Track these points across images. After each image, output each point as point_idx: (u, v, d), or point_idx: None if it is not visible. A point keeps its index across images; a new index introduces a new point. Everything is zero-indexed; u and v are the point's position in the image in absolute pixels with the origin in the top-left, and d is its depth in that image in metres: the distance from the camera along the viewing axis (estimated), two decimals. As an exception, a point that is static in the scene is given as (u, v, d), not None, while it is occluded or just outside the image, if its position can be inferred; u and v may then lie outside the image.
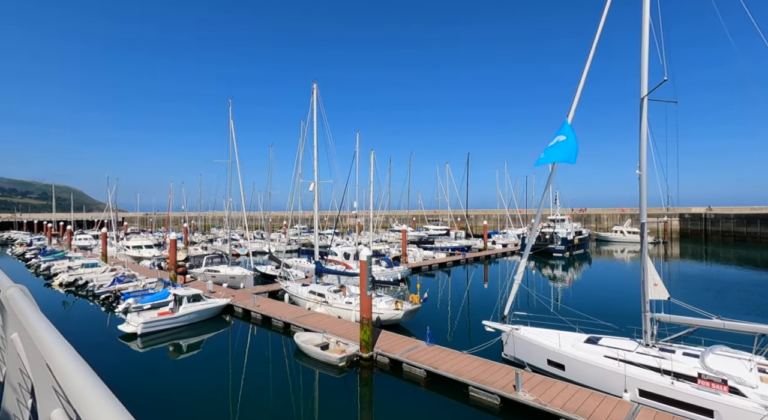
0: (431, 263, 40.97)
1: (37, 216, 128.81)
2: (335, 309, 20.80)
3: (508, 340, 14.25)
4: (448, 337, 18.23)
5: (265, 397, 13.31)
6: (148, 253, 43.89)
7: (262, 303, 22.99)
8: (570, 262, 47.05)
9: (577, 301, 20.98)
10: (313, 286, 23.72)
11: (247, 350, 17.98)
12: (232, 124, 31.59)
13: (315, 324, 18.86)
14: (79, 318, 23.40)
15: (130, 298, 24.17)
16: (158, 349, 18.49)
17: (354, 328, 18.11)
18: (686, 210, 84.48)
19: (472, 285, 33.56)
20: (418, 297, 19.80)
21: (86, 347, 18.40)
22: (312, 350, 15.89)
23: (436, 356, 14.21)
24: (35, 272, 39.04)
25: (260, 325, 21.26)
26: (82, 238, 62.96)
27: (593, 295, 28.89)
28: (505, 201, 66.68)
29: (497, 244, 58.30)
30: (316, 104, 23.43)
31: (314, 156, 23.81)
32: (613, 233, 72.25)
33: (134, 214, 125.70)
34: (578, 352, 11.88)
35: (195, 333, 20.26)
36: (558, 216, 56.23)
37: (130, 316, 19.59)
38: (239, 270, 30.69)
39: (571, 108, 12.91)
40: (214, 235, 79.87)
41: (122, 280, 29.16)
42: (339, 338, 16.59)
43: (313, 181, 24.01)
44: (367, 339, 14.86)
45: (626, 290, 30.39)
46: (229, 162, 32.00)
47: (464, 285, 33.31)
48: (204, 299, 21.57)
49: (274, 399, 13.11)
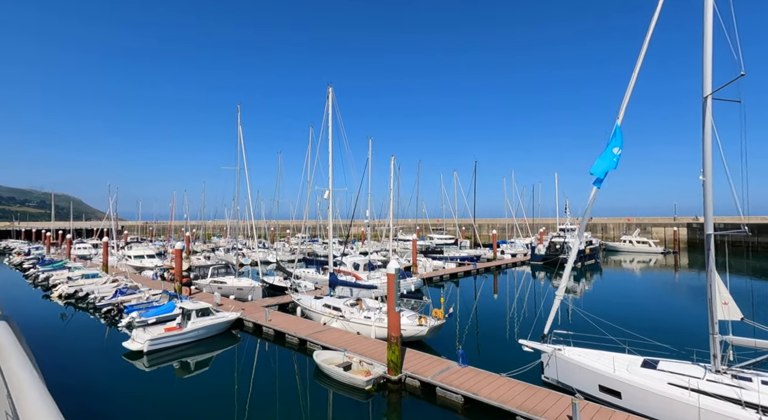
0: (442, 274, 39.78)
1: (36, 224, 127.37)
2: (353, 324, 19.60)
3: (550, 361, 13.09)
4: (478, 357, 16.98)
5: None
6: (150, 262, 42.64)
7: (273, 317, 21.78)
8: (582, 273, 45.85)
9: (614, 318, 19.82)
10: (327, 300, 22.52)
11: (261, 369, 16.74)
12: (240, 131, 30.71)
13: (333, 341, 17.64)
14: (79, 333, 22.10)
15: (134, 311, 22.97)
16: (165, 367, 17.24)
17: (376, 346, 16.92)
18: (694, 219, 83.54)
19: (491, 297, 32.07)
20: (441, 312, 18.63)
21: (88, 366, 17.15)
22: (334, 371, 14.67)
23: (472, 379, 13.01)
24: (33, 283, 37.72)
25: (272, 341, 20.03)
26: (81, 247, 61.67)
27: (630, 309, 26.81)
28: (513, 210, 65.70)
29: (506, 253, 57.15)
30: (331, 108, 22.52)
31: (329, 163, 22.82)
32: (622, 243, 71.17)
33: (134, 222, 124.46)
34: (637, 378, 10.73)
35: (203, 350, 19.01)
36: (568, 225, 55.22)
37: (136, 332, 18.35)
38: (247, 281, 29.48)
39: (620, 110, 11.96)
40: (215, 243, 78.59)
41: (125, 291, 27.94)
42: (362, 358, 15.38)
43: (328, 189, 22.97)
44: (396, 360, 13.67)
45: (668, 305, 28.71)
46: (237, 169, 31.01)
47: (483, 297, 31.82)
48: (213, 313, 20.36)
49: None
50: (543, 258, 51.30)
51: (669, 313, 25.88)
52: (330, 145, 22.82)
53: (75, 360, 17.90)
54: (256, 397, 14.04)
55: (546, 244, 53.38)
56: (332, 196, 23.09)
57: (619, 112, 11.94)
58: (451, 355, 15.58)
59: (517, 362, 15.05)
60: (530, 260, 52.38)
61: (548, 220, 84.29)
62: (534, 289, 36.14)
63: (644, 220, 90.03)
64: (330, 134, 22.71)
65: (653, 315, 25.20)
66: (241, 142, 30.69)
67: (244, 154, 30.59)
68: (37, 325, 23.68)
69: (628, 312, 25.66)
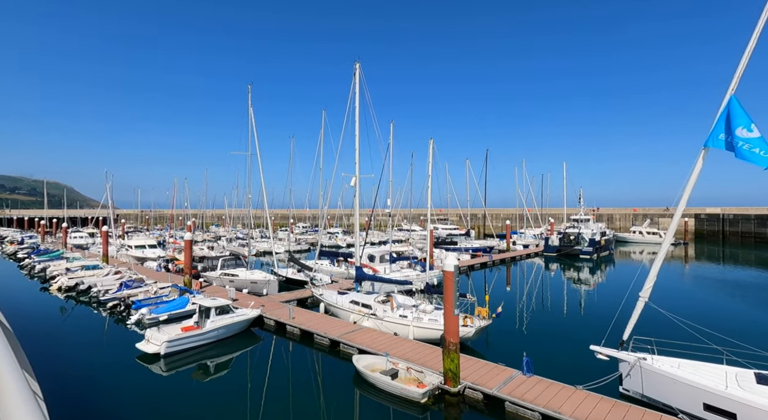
0: (459, 266, 38.19)
1: (28, 212, 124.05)
2: (388, 324, 17.97)
3: (632, 372, 11.56)
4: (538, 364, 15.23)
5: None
6: (152, 253, 40.64)
7: (296, 314, 20.10)
8: (597, 265, 44.55)
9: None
10: (354, 296, 20.85)
11: (289, 373, 15.12)
12: (251, 113, 28.55)
13: (370, 343, 16.02)
14: (84, 331, 20.24)
15: (143, 307, 21.21)
16: (184, 372, 15.55)
17: (419, 350, 15.33)
18: (701, 210, 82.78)
19: (524, 292, 30.11)
20: (487, 310, 17.04)
21: (97, 371, 15.40)
22: (380, 380, 13.05)
23: (545, 393, 11.46)
24: (29, 274, 35.69)
25: (298, 341, 18.38)
26: (77, 236, 59.44)
27: (697, 309, 23.45)
28: (525, 200, 64.19)
29: (517, 244, 55.81)
30: (358, 87, 20.49)
31: (356, 146, 20.88)
32: (631, 234, 70.14)
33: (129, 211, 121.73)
34: (758, 398, 9.20)
35: (223, 351, 17.33)
36: (582, 216, 53.80)
37: (150, 333, 16.58)
38: (261, 274, 27.71)
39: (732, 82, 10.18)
40: (215, 233, 76.50)
41: (130, 285, 26.07)
42: (408, 364, 13.77)
43: (355, 176, 21.09)
44: (455, 369, 12.07)
45: (733, 305, 25.43)
46: (248, 154, 28.94)
47: (515, 292, 29.78)
48: (233, 311, 18.63)
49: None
50: (556, 249, 50.01)
51: (741, 313, 22.95)
52: (357, 128, 20.86)
53: (82, 364, 16.14)
54: (289, 406, 12.45)
55: (559, 235, 52.02)
56: (359, 182, 21.24)
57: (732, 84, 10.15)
58: (505, 360, 14.02)
59: (582, 370, 13.56)
60: (543, 251, 51.08)
61: (556, 210, 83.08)
62: (565, 282, 34.68)
63: (650, 211, 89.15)
64: (357, 115, 20.73)
65: (723, 316, 22.15)
66: (252, 125, 28.57)
67: (256, 137, 28.49)
68: (36, 322, 21.81)
69: (694, 312, 21.90)
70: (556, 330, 19.95)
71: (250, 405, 12.76)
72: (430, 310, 17.69)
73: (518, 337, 18.93)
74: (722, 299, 27.45)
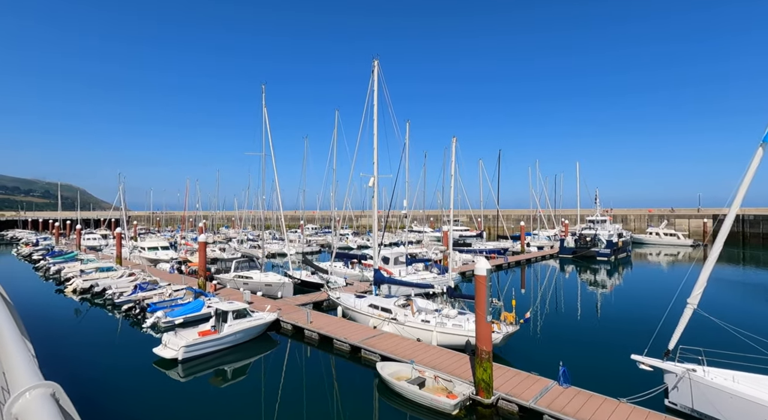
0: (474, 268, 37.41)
1: (42, 214, 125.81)
2: (409, 329, 17.36)
3: (680, 384, 10.82)
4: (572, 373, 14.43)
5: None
6: (165, 254, 40.57)
7: (314, 318, 19.59)
8: (615, 267, 43.41)
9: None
10: (373, 299, 20.29)
11: (308, 380, 14.60)
12: (265, 112, 28.18)
13: (392, 349, 15.44)
14: (100, 334, 19.97)
15: (158, 310, 20.92)
16: (201, 377, 15.14)
17: (444, 357, 14.70)
18: (719, 211, 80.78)
19: (547, 295, 29.20)
20: (513, 315, 16.35)
21: (114, 375, 15.07)
22: (407, 389, 12.46)
23: (586, 406, 10.76)
24: (44, 276, 35.77)
25: (316, 346, 17.87)
26: (90, 237, 59.79)
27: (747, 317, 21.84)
28: (539, 200, 63.14)
29: (531, 246, 54.83)
30: (377, 85, 19.97)
31: (374, 146, 20.33)
32: (648, 235, 68.60)
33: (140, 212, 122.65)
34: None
35: (240, 356, 16.88)
36: (598, 217, 52.64)
37: (168, 337, 16.19)
38: (275, 276, 27.30)
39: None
40: (225, 234, 76.59)
41: (144, 287, 25.83)
42: (435, 372, 13.16)
43: (373, 176, 20.55)
44: (488, 379, 11.44)
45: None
46: (262, 155, 28.57)
47: (537, 295, 29.01)
48: (250, 314, 18.18)
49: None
50: (572, 251, 48.94)
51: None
52: (375, 126, 20.33)
53: (99, 368, 15.82)
54: (309, 414, 11.93)
55: (574, 237, 50.92)
56: (377, 183, 20.69)
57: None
58: (537, 369, 13.34)
59: (621, 380, 12.83)
60: (558, 253, 50.05)
61: (569, 211, 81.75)
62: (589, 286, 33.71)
63: (665, 212, 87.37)
64: (375, 113, 20.20)
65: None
66: (266, 124, 28.19)
67: (270, 138, 28.10)
68: (52, 324, 21.65)
69: (739, 319, 20.12)
70: (588, 337, 19.07)
71: (269, 412, 12.28)
72: (454, 315, 17.06)
73: (548, 343, 18.10)
74: (763, 305, 25.82)
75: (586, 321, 22.04)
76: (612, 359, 15.37)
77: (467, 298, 18.44)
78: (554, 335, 19.32)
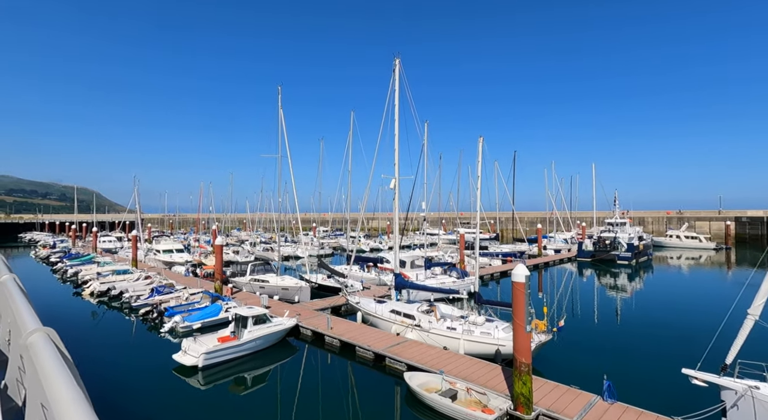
0: (492, 272, 36.65)
1: (58, 217, 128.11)
2: (435, 336, 16.69)
3: (740, 402, 9.98)
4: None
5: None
6: (179, 257, 40.49)
7: (334, 324, 19.04)
8: (636, 272, 42.03)
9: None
10: (395, 305, 19.68)
11: (331, 389, 14.06)
12: (281, 114, 27.88)
13: (419, 358, 14.80)
14: (118, 338, 19.72)
15: (176, 314, 20.59)
16: (221, 384, 14.69)
17: (474, 367, 14.01)
18: (742, 213, 78.39)
19: (572, 300, 27.97)
20: (545, 323, 15.57)
21: (134, 381, 14.73)
22: (439, 402, 11.81)
23: (636, 423, 9.98)
24: (62, 278, 35.93)
25: (338, 353, 17.31)
26: (106, 239, 60.30)
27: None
28: (555, 202, 61.89)
29: (548, 249, 53.63)
30: (398, 84, 19.43)
31: (395, 146, 19.77)
32: (668, 238, 66.79)
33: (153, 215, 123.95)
34: None
35: (259, 363, 16.42)
36: (618, 219, 51.26)
37: (187, 344, 15.79)
38: (292, 280, 26.87)
39: None
40: (237, 237, 76.70)
41: (161, 291, 25.62)
42: (468, 384, 12.48)
43: (394, 177, 19.98)
44: (528, 394, 10.72)
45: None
46: (278, 157, 28.23)
47: (560, 300, 27.87)
48: (270, 320, 17.71)
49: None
50: (591, 254, 47.68)
51: None
52: (396, 126, 19.76)
53: (119, 373, 15.51)
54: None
55: (593, 240, 49.64)
56: (398, 185, 20.12)
57: None
58: (577, 382, 12.56)
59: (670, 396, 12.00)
60: (577, 256, 48.84)
61: (584, 213, 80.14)
62: (606, 290, 32.61)
63: (685, 214, 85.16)
64: (396, 114, 19.64)
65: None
66: (282, 126, 27.88)
67: (287, 139, 27.75)
68: (70, 326, 21.50)
69: None
70: (626, 346, 17.90)
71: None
72: (481, 322, 16.35)
73: (582, 353, 17.14)
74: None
75: (621, 329, 20.93)
76: (657, 372, 14.50)
77: (497, 304, 17.68)
78: (588, 344, 18.36)
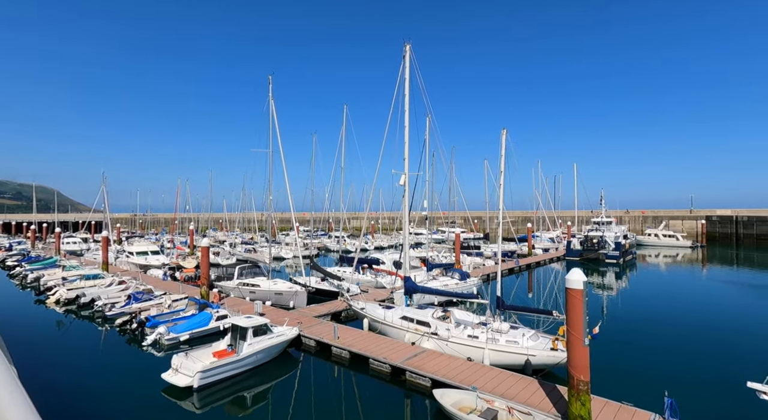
0: (488, 272, 35.81)
1: (15, 217, 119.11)
2: (453, 345, 15.34)
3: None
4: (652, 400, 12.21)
5: None
6: (155, 260, 37.50)
7: (339, 332, 17.37)
8: (623, 270, 42.36)
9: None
10: (405, 310, 18.20)
11: (341, 407, 12.52)
12: (272, 105, 25.86)
13: (443, 372, 13.41)
14: (91, 355, 17.24)
15: (160, 325, 18.40)
16: (218, 407, 12.81)
17: (510, 381, 12.74)
18: (711, 212, 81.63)
19: (591, 302, 26.92)
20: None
21: (116, 408, 12.56)
22: (480, 424, 10.43)
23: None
24: (21, 284, 32.41)
25: (347, 366, 15.67)
26: (70, 241, 55.74)
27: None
28: (542, 201, 62.14)
29: (536, 248, 53.62)
30: (408, 72, 17.96)
31: (405, 139, 18.29)
32: (646, 236, 68.46)
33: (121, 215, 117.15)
34: None
35: (259, 380, 14.58)
36: (604, 218, 51.78)
37: (178, 361, 13.74)
38: (285, 284, 24.93)
39: None
40: (214, 237, 73.11)
41: (139, 297, 23.11)
42: (507, 402, 11.17)
43: (404, 173, 18.51)
44: (586, 416, 9.51)
45: None
46: (269, 151, 26.19)
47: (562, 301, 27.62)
48: (271, 330, 15.86)
49: None
50: (579, 253, 47.90)
51: None
52: (407, 118, 18.28)
53: (92, 395, 13.30)
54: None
55: (580, 239, 49.93)
56: (408, 181, 18.65)
57: None
58: (626, 397, 11.49)
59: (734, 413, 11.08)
60: (565, 256, 49.00)
61: (567, 212, 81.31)
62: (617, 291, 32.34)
63: (659, 213, 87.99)
64: (407, 105, 18.17)
65: None
66: (273, 118, 25.85)
67: (278, 132, 25.76)
68: (33, 342, 18.75)
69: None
70: (668, 356, 16.52)
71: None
72: (506, 330, 15.11)
73: (620, 363, 15.77)
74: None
75: (644, 331, 19.85)
76: (709, 383, 13.58)
77: (524, 310, 16.47)
78: (622, 352, 16.93)
